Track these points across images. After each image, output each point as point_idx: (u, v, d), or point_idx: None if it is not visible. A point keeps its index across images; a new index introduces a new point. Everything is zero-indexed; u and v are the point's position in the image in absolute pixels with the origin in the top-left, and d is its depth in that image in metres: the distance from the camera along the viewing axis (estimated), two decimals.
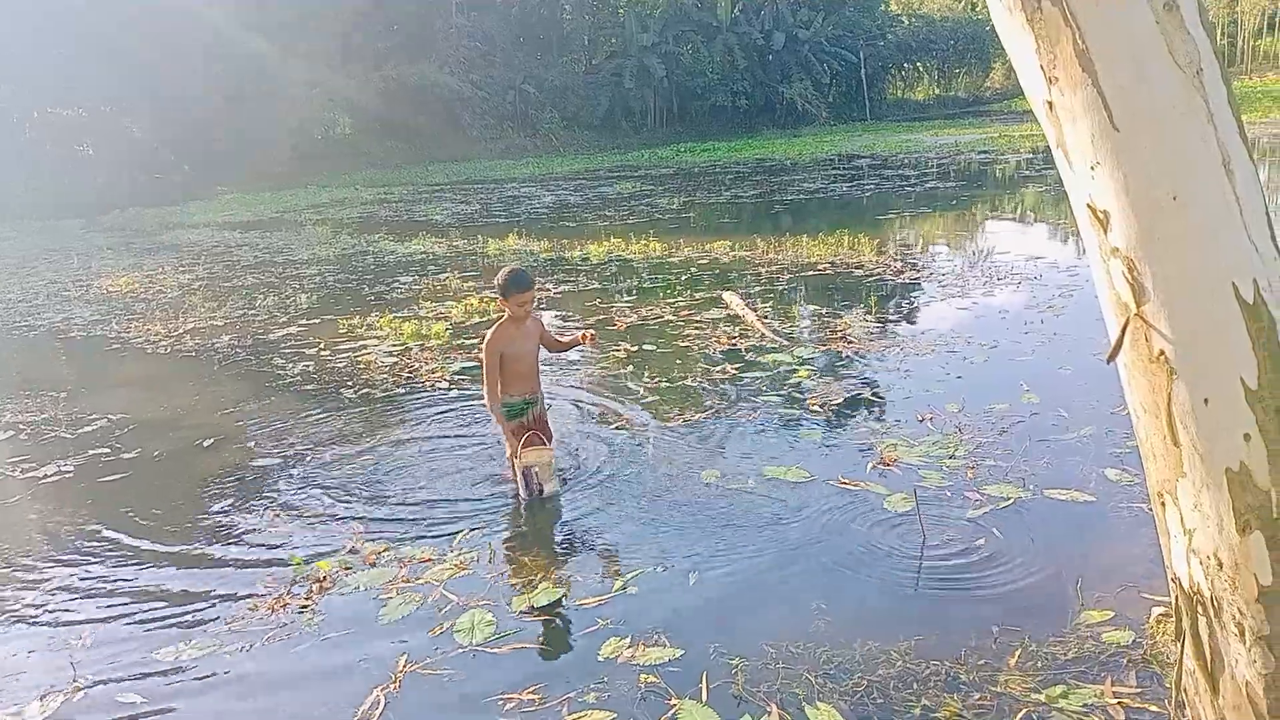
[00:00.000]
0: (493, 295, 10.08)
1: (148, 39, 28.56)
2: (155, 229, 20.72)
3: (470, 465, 5.21)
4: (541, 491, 4.60)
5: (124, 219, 23.53)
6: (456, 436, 5.71)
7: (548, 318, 9.21)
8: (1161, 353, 1.78)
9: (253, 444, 5.90)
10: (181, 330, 9.52)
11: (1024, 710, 2.81)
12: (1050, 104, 1.86)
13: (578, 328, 8.38)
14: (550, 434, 4.88)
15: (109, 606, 3.90)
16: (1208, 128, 1.71)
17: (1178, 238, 1.73)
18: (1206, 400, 1.75)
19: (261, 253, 15.37)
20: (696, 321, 8.30)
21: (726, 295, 8.78)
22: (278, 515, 4.70)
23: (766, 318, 8.15)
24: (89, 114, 31.52)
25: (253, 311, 10.30)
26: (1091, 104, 1.75)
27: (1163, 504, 1.91)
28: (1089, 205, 1.84)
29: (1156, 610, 3.21)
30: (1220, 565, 1.80)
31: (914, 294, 9.09)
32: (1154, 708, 2.76)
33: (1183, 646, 1.94)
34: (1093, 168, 1.80)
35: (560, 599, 3.67)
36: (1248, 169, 1.74)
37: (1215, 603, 1.83)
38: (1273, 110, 26.11)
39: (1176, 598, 1.92)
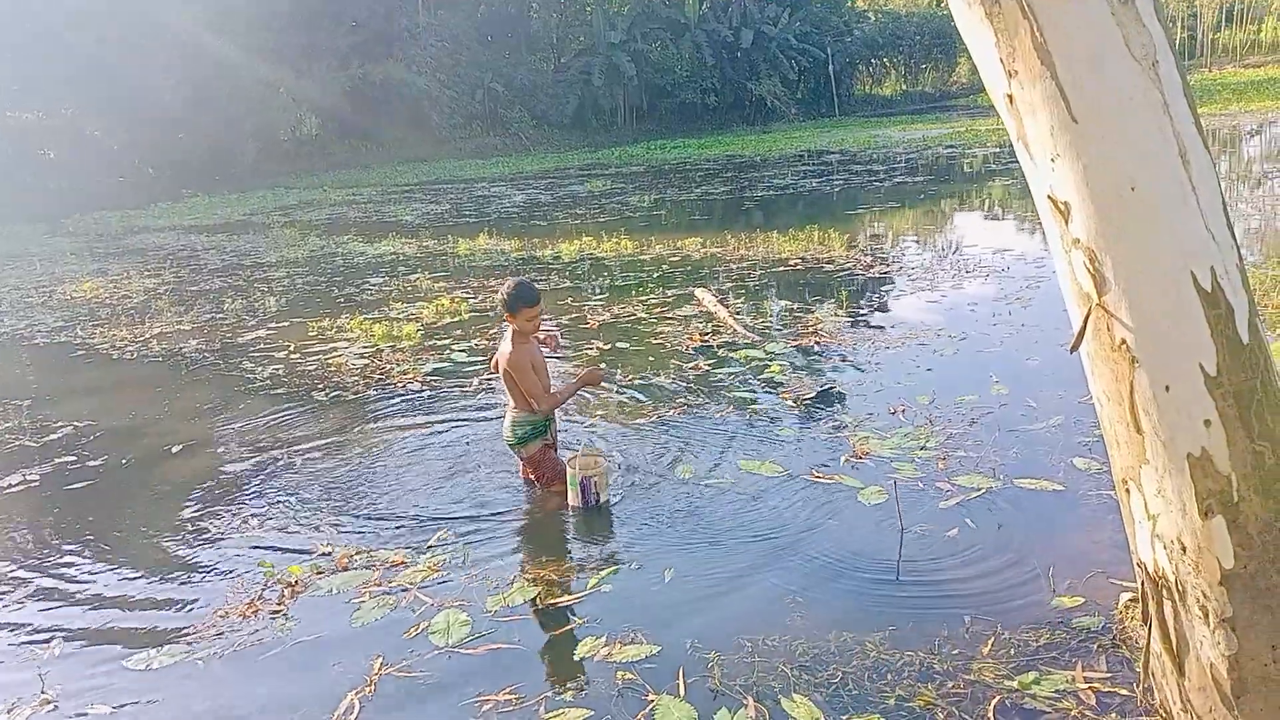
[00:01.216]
0: (464, 295, 10.06)
1: (106, 40, 28.11)
2: (119, 233, 20.42)
3: (443, 467, 5.18)
4: (599, 500, 4.41)
5: (87, 223, 23.16)
6: (429, 438, 5.67)
7: None
8: (1123, 342, 1.80)
9: (222, 449, 5.83)
10: (148, 335, 9.39)
11: (997, 698, 2.84)
12: (1010, 97, 1.88)
13: (561, 330, 8.38)
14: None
15: (77, 616, 3.84)
16: (1164, 119, 1.74)
17: (1136, 228, 1.75)
18: (1168, 387, 1.78)
19: (228, 256, 15.20)
20: (669, 319, 8.31)
21: (699, 292, 8.80)
22: (247, 520, 4.65)
23: (739, 314, 8.18)
24: (48, 116, 30.98)
25: (220, 315, 10.18)
26: (1050, 97, 1.77)
27: (1127, 491, 1.94)
28: (1050, 197, 1.87)
29: (1125, 595, 3.26)
30: (1184, 549, 1.83)
31: (884, 288, 9.15)
32: (1124, 691, 2.80)
33: (1150, 630, 1.97)
34: (1053, 160, 1.82)
35: (535, 598, 3.66)
36: (1203, 159, 1.77)
37: (1180, 586, 1.86)
38: (1232, 103, 26.54)
39: (1143, 582, 1.95)
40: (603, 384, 4.84)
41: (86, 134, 30.91)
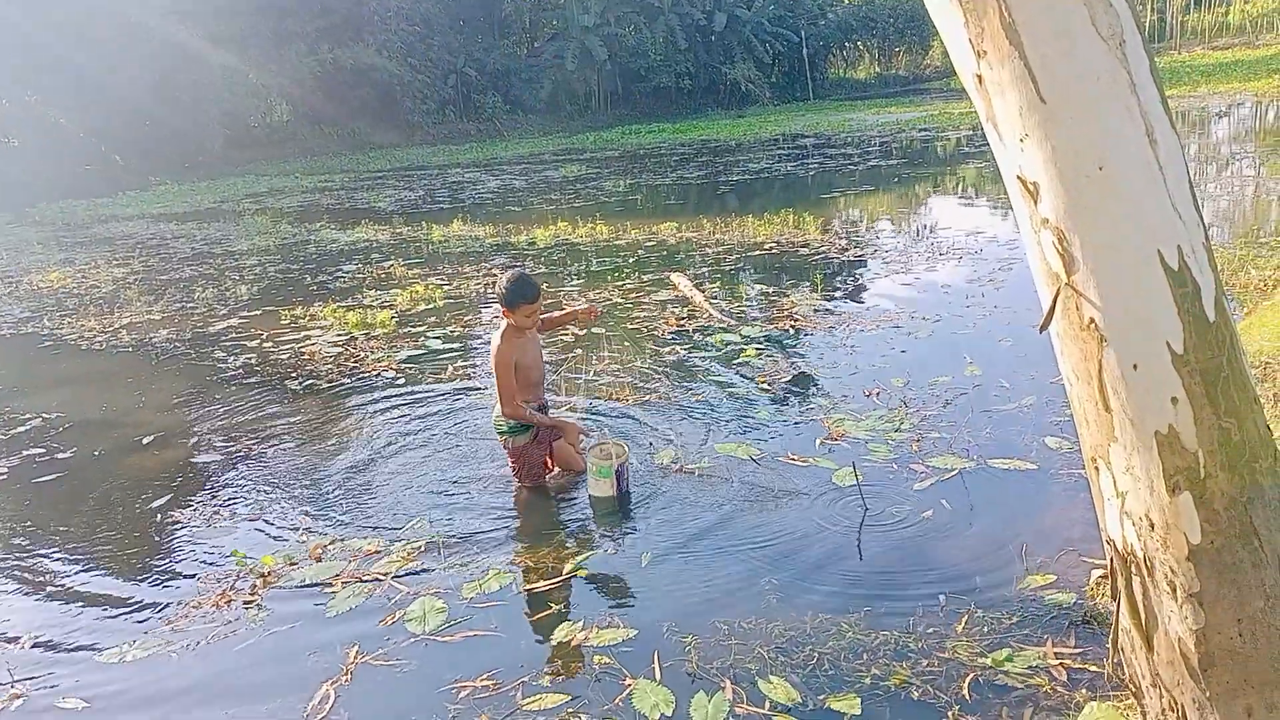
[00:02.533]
0: (438, 282, 9.99)
1: (67, 27, 27.59)
2: (87, 222, 20.11)
3: (418, 456, 5.15)
4: (628, 488, 4.29)
5: (53, 212, 22.79)
6: (404, 427, 5.64)
7: (498, 305, 9.14)
8: (1092, 321, 1.81)
9: (194, 440, 5.77)
10: (117, 325, 9.27)
11: (971, 675, 2.87)
12: (979, 78, 1.88)
13: None
14: None
15: (48, 610, 3.80)
16: (1131, 98, 1.74)
17: (1104, 207, 1.76)
18: (1135, 366, 1.79)
19: (199, 244, 15.01)
20: (645, 304, 8.30)
21: (674, 277, 8.78)
22: (220, 511, 4.61)
23: (714, 298, 8.18)
24: (11, 104, 30.39)
25: (191, 304, 10.06)
26: (1019, 77, 1.77)
27: (1096, 469, 1.95)
28: (1019, 177, 1.87)
29: (1096, 572, 3.30)
30: (1152, 526, 1.85)
31: (859, 271, 9.18)
32: (1094, 667, 2.84)
33: (1119, 606, 1.99)
34: (1021, 140, 1.82)
35: (511, 584, 3.66)
36: (1170, 138, 1.78)
37: (1148, 562, 1.88)
38: (1200, 84, 26.79)
39: (1112, 559, 1.97)
40: (573, 443, 4.56)
41: (51, 121, 30.35)
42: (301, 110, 37.09)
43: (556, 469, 4.69)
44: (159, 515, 4.64)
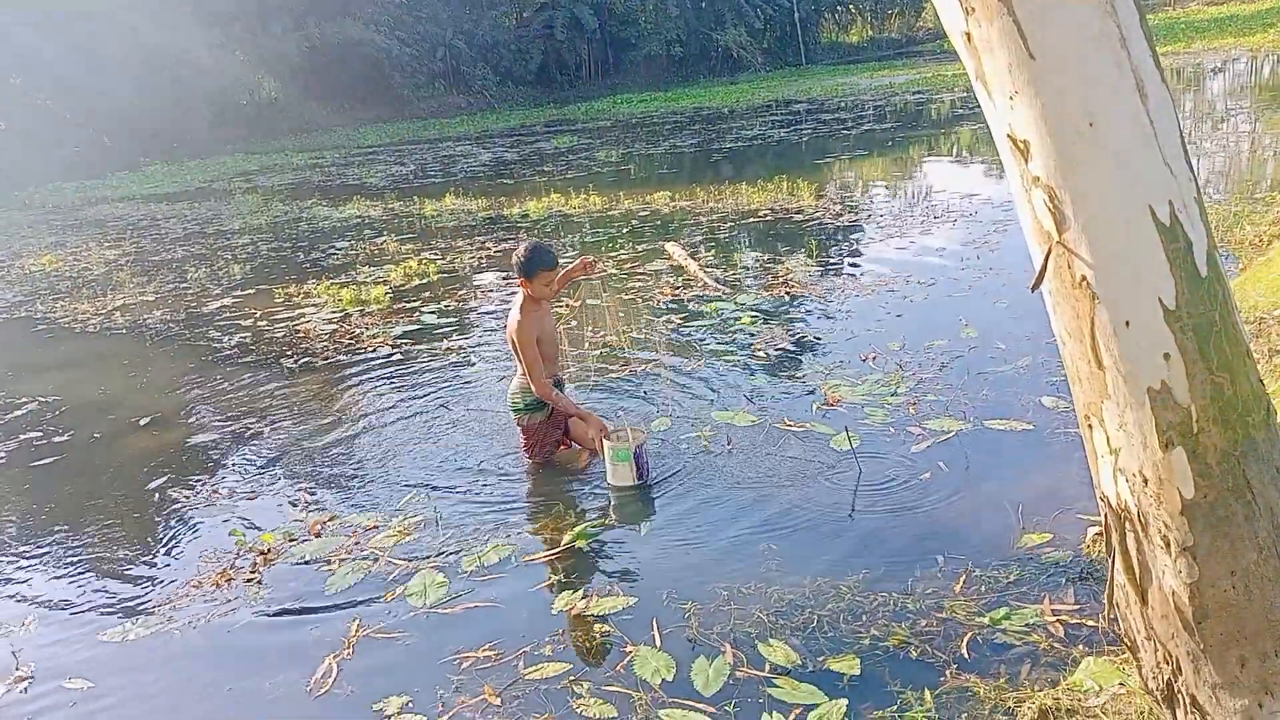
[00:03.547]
0: (432, 256, 9.96)
1: (51, 8, 27.24)
2: (77, 204, 19.98)
3: (415, 430, 5.16)
4: (648, 474, 4.17)
5: (43, 195, 22.64)
6: (400, 402, 5.64)
7: (490, 277, 9.12)
8: (1083, 278, 1.81)
9: (191, 420, 5.77)
10: (111, 308, 9.24)
11: (969, 634, 2.90)
12: (968, 35, 1.85)
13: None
14: None
15: (50, 592, 3.82)
16: (1121, 52, 1.72)
17: (1095, 163, 1.74)
18: (1128, 323, 1.78)
19: (190, 224, 14.93)
20: (640, 274, 8.27)
21: (669, 246, 8.68)
22: (218, 490, 4.62)
23: (709, 267, 8.15)
24: None
25: (184, 285, 10.02)
26: (1008, 33, 1.75)
27: (1090, 426, 1.95)
28: (1009, 135, 1.85)
29: (1092, 530, 3.32)
30: (1145, 482, 1.85)
31: (854, 236, 9.15)
32: (1090, 622, 2.87)
33: (1113, 562, 2.00)
34: (1011, 98, 1.80)
35: (510, 556, 3.67)
36: (1161, 92, 1.76)
37: (1142, 518, 1.89)
38: (1195, 41, 26.57)
39: (1106, 515, 1.98)
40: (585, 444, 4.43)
41: (38, 104, 30.04)
42: (290, 87, 36.70)
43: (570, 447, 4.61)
44: (158, 496, 4.65)
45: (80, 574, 3.94)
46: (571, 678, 2.90)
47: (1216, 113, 14.22)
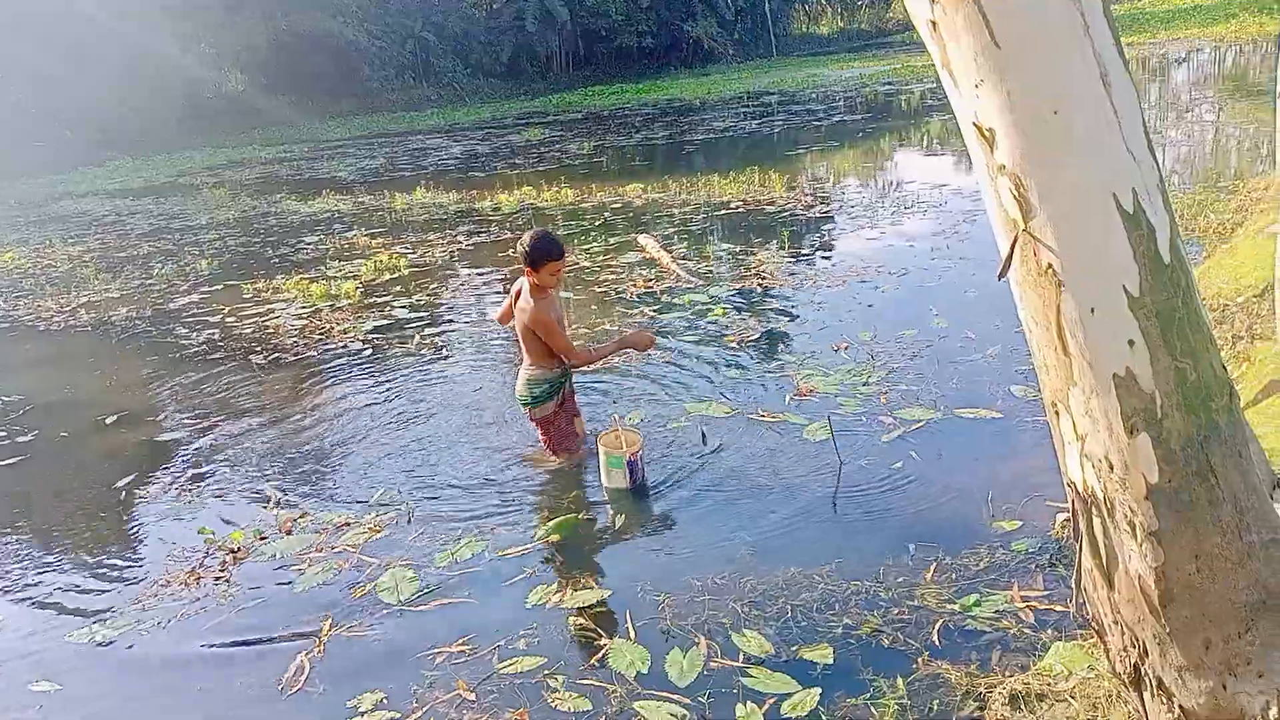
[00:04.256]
0: (403, 250, 9.88)
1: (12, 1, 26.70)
2: (40, 200, 19.62)
3: (387, 426, 5.12)
4: (644, 479, 4.08)
5: (3, 191, 22.21)
6: (372, 397, 5.59)
7: (465, 270, 9.06)
8: (1049, 266, 1.81)
9: (158, 418, 5.69)
10: (75, 305, 9.09)
11: (940, 621, 2.92)
12: (934, 24, 1.85)
13: (503, 282, 8.29)
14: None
15: (15, 593, 3.75)
16: (1085, 40, 1.73)
17: (1060, 151, 1.75)
18: (1093, 310, 1.79)
19: (157, 219, 14.71)
20: (613, 266, 8.25)
21: (642, 239, 8.73)
22: (186, 489, 4.56)
23: (682, 259, 8.15)
24: None
25: (150, 281, 9.88)
26: (973, 21, 1.75)
27: (1057, 413, 1.97)
28: (975, 124, 1.85)
29: (1060, 516, 3.35)
30: (1111, 467, 1.87)
31: (825, 227, 9.19)
32: (1059, 608, 2.90)
33: (1080, 547, 2.02)
34: (977, 86, 1.80)
35: (483, 551, 3.65)
36: (1124, 80, 1.77)
37: (1108, 503, 1.91)
38: (1160, 31, 26.88)
39: (1073, 501, 1.99)
40: (650, 350, 4.31)
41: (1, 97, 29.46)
42: (258, 80, 36.23)
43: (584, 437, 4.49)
44: (125, 494, 4.58)
45: (46, 575, 3.87)
46: (546, 671, 2.89)
47: (1181, 103, 14.40)
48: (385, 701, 2.83)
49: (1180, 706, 1.90)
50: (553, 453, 4.37)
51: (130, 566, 3.87)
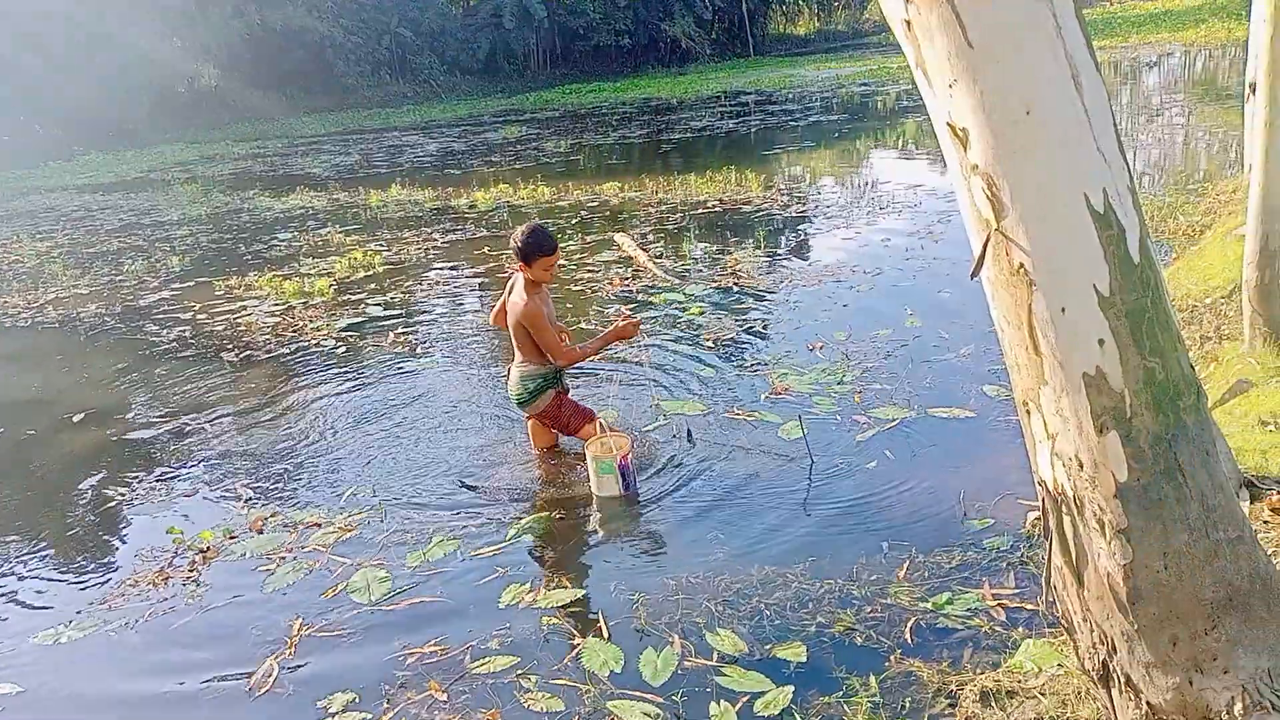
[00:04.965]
0: (377, 248, 9.81)
1: None
2: (6, 195, 19.30)
3: (359, 424, 5.07)
4: (636, 484, 3.98)
5: None
6: (345, 396, 5.54)
7: (440, 267, 9.01)
8: (1021, 266, 1.82)
9: (128, 416, 5.62)
10: (43, 301, 8.95)
11: (913, 619, 2.93)
12: (908, 23, 1.85)
13: (479, 280, 8.26)
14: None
15: None
16: (1056, 41, 1.74)
17: (1032, 151, 1.76)
18: (1064, 309, 1.80)
19: (127, 215, 14.52)
20: (589, 265, 8.24)
21: (618, 237, 8.68)
22: (155, 488, 4.50)
23: (659, 258, 8.14)
24: None
25: (120, 277, 9.74)
26: (947, 21, 1.75)
27: (1028, 412, 1.98)
28: (949, 124, 1.86)
29: (1031, 515, 3.38)
30: (1081, 465, 1.88)
31: (801, 227, 9.21)
32: (1030, 606, 2.92)
33: (1050, 545, 2.03)
34: (950, 85, 1.81)
35: (455, 551, 3.63)
36: (1095, 80, 1.78)
37: (1078, 501, 1.92)
38: (1131, 35, 27.19)
39: (1043, 499, 2.00)
40: (636, 338, 4.24)
41: None
42: (231, 75, 35.82)
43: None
44: (93, 493, 4.51)
45: (11, 575, 3.81)
46: (519, 671, 2.87)
47: (1152, 106, 14.57)
48: (356, 702, 2.81)
49: (1147, 703, 1.91)
50: (573, 432, 4.25)
51: (97, 567, 3.81)
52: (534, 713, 2.68)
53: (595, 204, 11.34)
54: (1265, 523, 2.84)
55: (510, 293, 4.18)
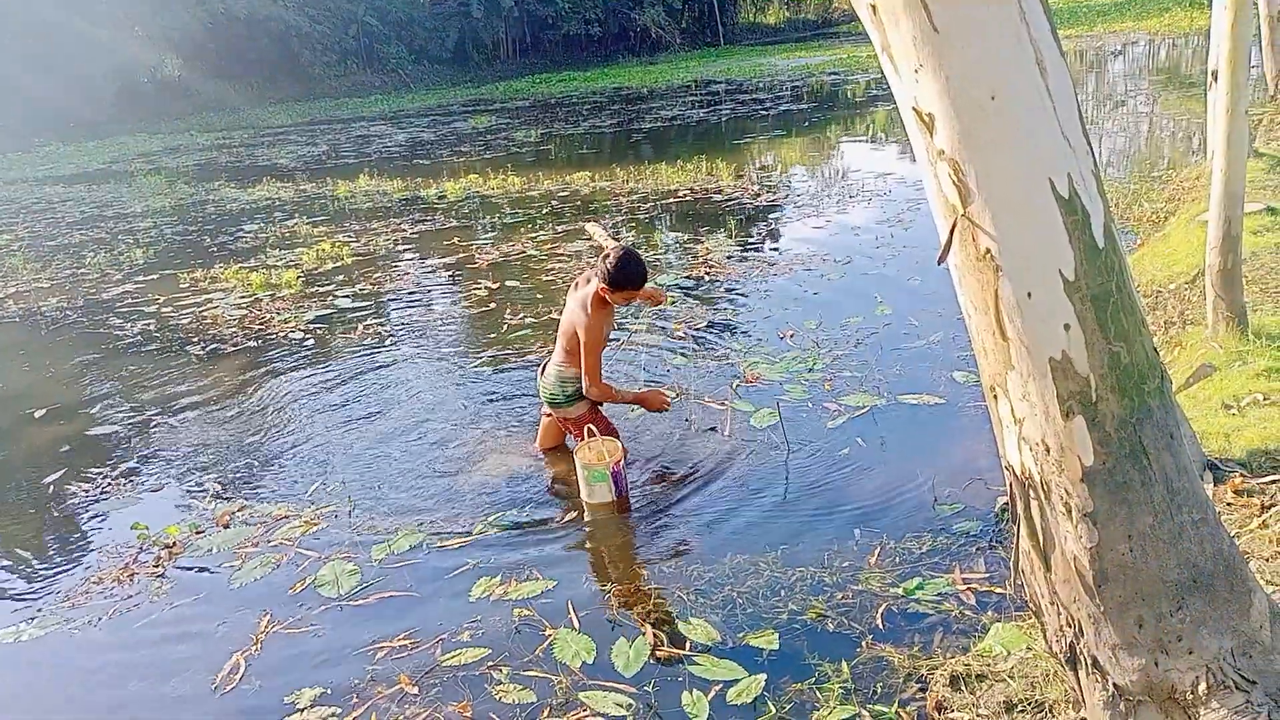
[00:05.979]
0: (346, 239, 9.70)
1: None
2: None
3: (327, 417, 5.02)
4: (627, 491, 3.85)
5: None
6: (313, 388, 5.48)
7: (409, 259, 8.93)
8: (987, 251, 1.82)
9: (91, 411, 5.52)
10: (3, 295, 8.77)
11: (884, 605, 2.94)
12: (874, 7, 1.84)
13: (449, 271, 8.19)
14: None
15: None
16: (1021, 26, 1.74)
17: (997, 137, 1.76)
18: (1030, 294, 1.81)
19: (89, 207, 14.26)
20: (560, 255, 8.20)
21: (589, 226, 8.67)
22: (119, 483, 4.43)
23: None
24: None
25: (83, 270, 9.57)
26: (911, 6, 1.74)
27: (995, 397, 1.98)
28: (915, 109, 1.85)
29: (1000, 499, 3.40)
30: (1048, 450, 1.89)
31: (772, 216, 9.22)
32: (999, 590, 2.94)
33: (1018, 529, 2.05)
34: (916, 71, 1.80)
35: (422, 543, 3.60)
36: (1059, 66, 1.78)
37: (1045, 485, 1.93)
38: (1097, 24, 27.45)
39: (1011, 484, 2.01)
40: (662, 409, 4.03)
41: None
42: (194, 65, 35.25)
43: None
44: (54, 490, 4.43)
45: None
46: (490, 663, 2.86)
47: (1117, 94, 14.72)
48: (325, 696, 2.78)
49: (1114, 684, 1.93)
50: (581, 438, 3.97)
51: (60, 563, 3.75)
52: (506, 704, 2.66)
53: (566, 194, 11.29)
54: (1228, 505, 2.88)
55: (578, 288, 3.99)
